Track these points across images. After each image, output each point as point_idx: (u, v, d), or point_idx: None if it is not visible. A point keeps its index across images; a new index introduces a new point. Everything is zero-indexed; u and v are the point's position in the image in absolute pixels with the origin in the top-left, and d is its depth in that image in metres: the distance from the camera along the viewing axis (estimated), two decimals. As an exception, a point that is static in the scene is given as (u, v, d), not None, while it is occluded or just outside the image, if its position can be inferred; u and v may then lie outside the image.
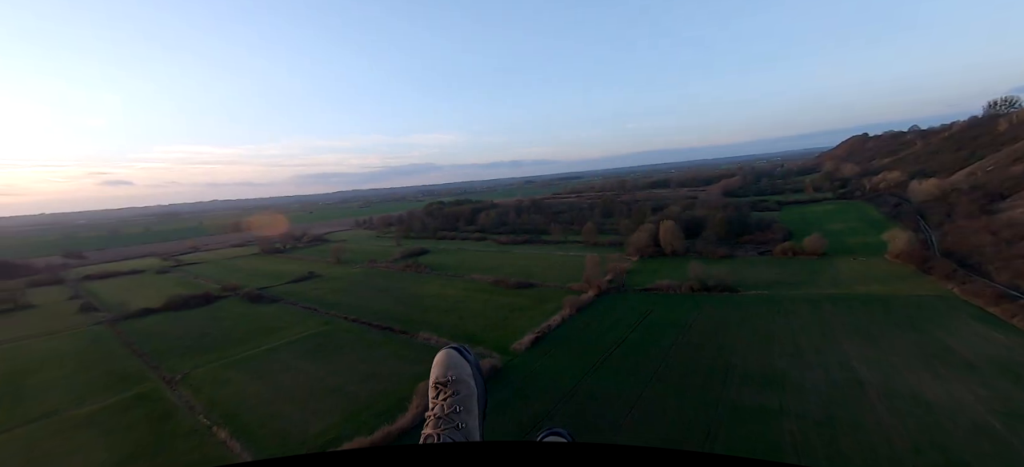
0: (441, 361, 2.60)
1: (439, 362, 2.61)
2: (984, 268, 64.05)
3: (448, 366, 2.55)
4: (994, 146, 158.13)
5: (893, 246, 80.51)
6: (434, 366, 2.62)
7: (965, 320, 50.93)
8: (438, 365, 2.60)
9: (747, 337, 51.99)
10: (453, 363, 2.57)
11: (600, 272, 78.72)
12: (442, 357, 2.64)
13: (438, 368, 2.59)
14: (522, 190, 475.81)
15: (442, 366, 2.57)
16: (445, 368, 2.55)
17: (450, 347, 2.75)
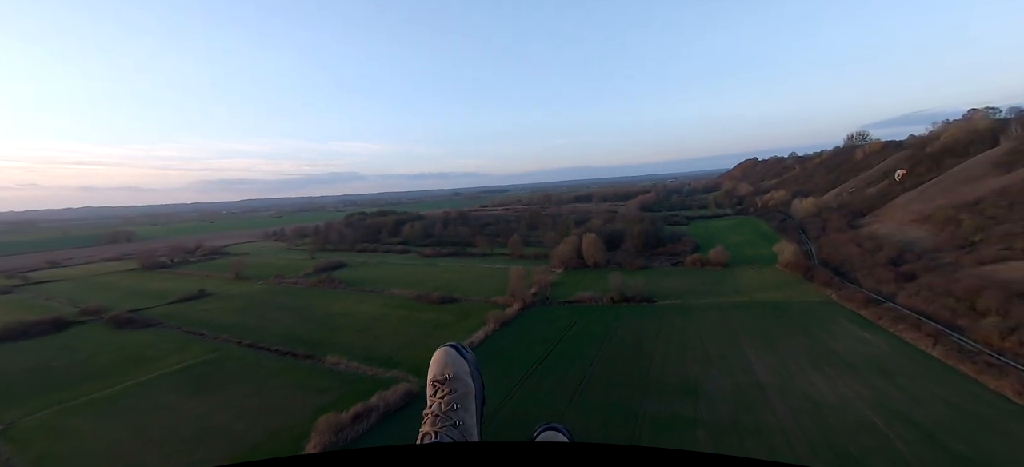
0: (438, 359, 2.58)
1: (436, 360, 2.59)
2: (853, 275, 73.17)
3: (445, 364, 2.51)
4: (854, 171, 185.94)
5: (782, 257, 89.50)
6: (431, 364, 2.60)
7: (843, 323, 57.03)
8: (435, 363, 2.58)
9: (663, 346, 53.47)
10: (450, 361, 2.52)
11: (525, 285, 77.72)
12: (439, 355, 2.61)
13: (435, 366, 2.56)
14: (450, 202, 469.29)
15: (439, 364, 2.55)
16: (442, 366, 2.52)
17: (447, 345, 2.68)
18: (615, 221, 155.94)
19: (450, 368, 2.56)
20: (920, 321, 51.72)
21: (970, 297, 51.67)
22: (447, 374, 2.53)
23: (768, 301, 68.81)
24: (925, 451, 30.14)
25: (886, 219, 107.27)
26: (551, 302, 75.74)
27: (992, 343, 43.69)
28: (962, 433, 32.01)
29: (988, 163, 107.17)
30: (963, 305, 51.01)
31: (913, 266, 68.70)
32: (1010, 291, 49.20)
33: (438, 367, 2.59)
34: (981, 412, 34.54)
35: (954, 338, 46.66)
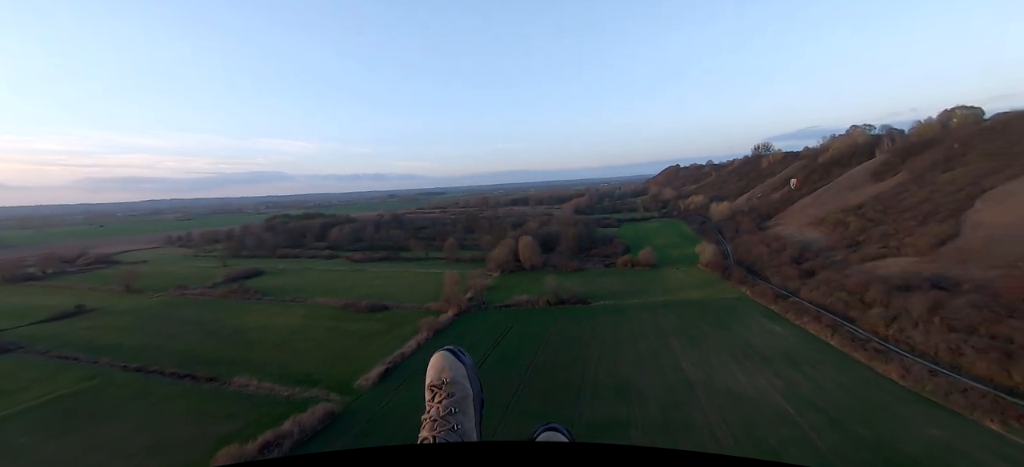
0: (435, 364, 2.54)
1: (433, 365, 2.54)
2: (764, 273, 79.79)
3: (442, 368, 2.49)
4: (760, 178, 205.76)
5: (702, 257, 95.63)
6: (429, 369, 2.55)
7: (756, 318, 61.51)
8: (432, 368, 2.54)
9: (598, 348, 54.03)
10: (447, 364, 2.50)
11: (460, 290, 75.42)
12: (437, 360, 2.56)
13: (432, 371, 2.53)
14: (385, 204, 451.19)
15: (436, 368, 2.52)
16: (439, 370, 2.50)
17: (445, 349, 2.64)
18: (550, 224, 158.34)
19: (448, 372, 2.48)
20: (820, 313, 57.11)
21: (859, 291, 58.06)
22: (445, 378, 2.46)
23: (692, 300, 72.68)
24: (832, 437, 32.58)
25: (788, 222, 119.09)
26: (487, 306, 74.16)
27: (878, 331, 49.16)
28: (860, 415, 35.17)
29: (867, 173, 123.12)
30: (854, 298, 57.16)
31: (812, 264, 76.31)
32: (890, 285, 55.95)
33: (435, 371, 2.51)
34: (873, 395, 38.34)
35: (848, 328, 51.93)
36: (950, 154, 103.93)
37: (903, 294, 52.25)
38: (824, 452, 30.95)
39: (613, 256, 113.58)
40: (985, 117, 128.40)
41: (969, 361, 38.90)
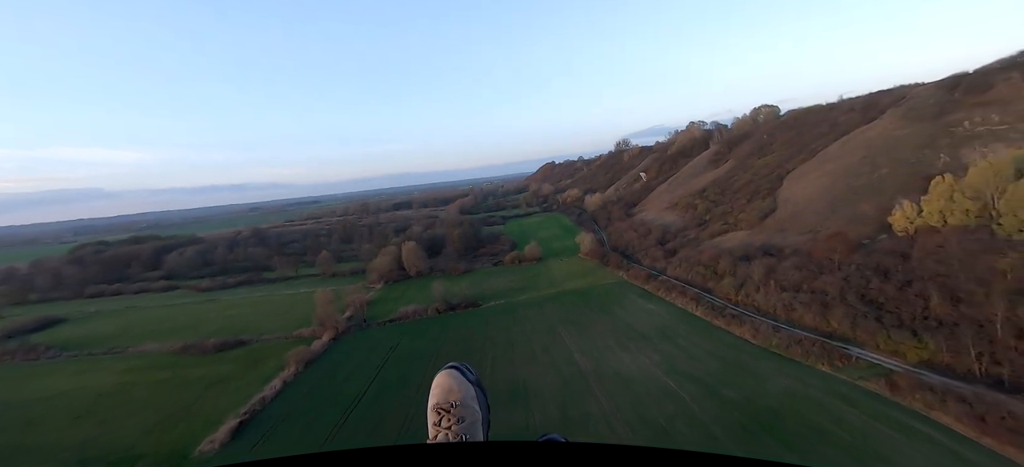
0: (442, 383, 2.36)
1: (439, 385, 2.36)
2: (636, 256, 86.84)
3: (450, 389, 2.33)
4: (623, 170, 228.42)
5: (583, 247, 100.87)
6: (434, 389, 2.37)
7: (634, 299, 65.88)
8: (439, 388, 2.36)
9: (492, 351, 51.89)
10: (455, 385, 2.34)
11: (337, 309, 66.82)
12: (443, 379, 2.38)
13: (439, 391, 2.35)
14: (245, 219, 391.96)
15: (443, 389, 2.34)
16: (446, 391, 2.33)
17: (450, 367, 2.44)
18: (435, 226, 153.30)
19: (457, 392, 2.32)
20: (685, 288, 63.34)
21: (712, 264, 65.91)
22: (453, 400, 2.30)
23: (577, 289, 75.34)
24: (709, 405, 35.06)
25: (650, 208, 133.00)
26: (370, 324, 66.97)
27: (731, 298, 56.01)
28: (728, 379, 38.75)
29: (706, 161, 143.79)
30: (709, 271, 64.69)
31: (673, 243, 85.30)
32: (734, 256, 64.62)
33: (442, 392, 2.33)
34: (735, 357, 42.87)
35: (707, 299, 58.25)
36: (762, 144, 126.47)
37: (745, 263, 60.49)
38: (706, 422, 32.99)
39: (501, 254, 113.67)
40: (781, 114, 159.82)
41: (799, 315, 46.10)
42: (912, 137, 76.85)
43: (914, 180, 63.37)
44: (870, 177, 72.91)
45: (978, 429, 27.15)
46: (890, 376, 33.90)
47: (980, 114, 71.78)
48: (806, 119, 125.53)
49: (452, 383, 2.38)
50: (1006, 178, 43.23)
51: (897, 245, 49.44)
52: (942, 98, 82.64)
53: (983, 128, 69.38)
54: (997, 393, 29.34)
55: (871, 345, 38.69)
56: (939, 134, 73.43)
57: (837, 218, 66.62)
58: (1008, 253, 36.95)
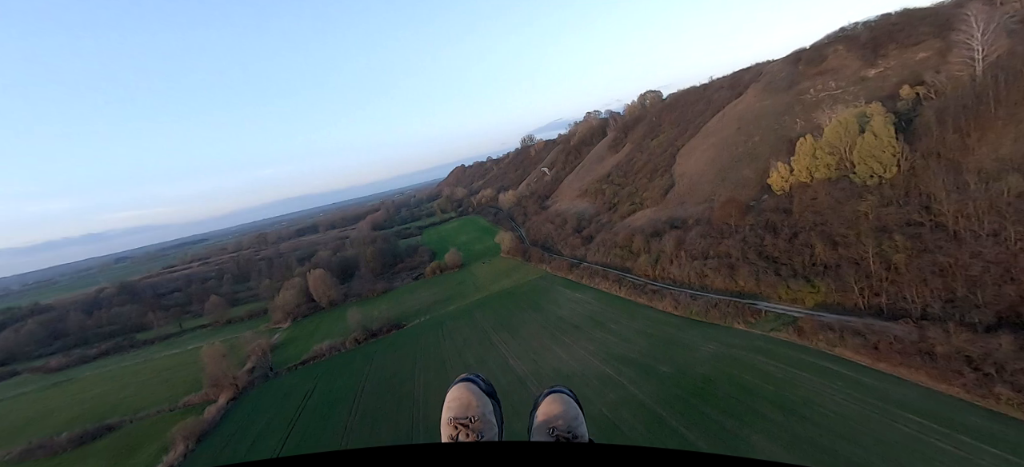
0: (459, 397, 2.26)
1: (457, 398, 2.26)
2: (556, 247, 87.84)
3: (468, 403, 2.24)
4: (532, 165, 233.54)
5: (503, 246, 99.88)
6: (450, 402, 2.28)
7: (560, 290, 66.00)
8: (455, 402, 2.26)
9: (423, 376, 47.96)
10: (474, 399, 2.25)
11: (233, 363, 57.42)
12: (461, 392, 2.28)
13: (456, 405, 2.25)
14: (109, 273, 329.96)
15: (461, 403, 2.25)
16: (465, 405, 2.24)
17: (464, 379, 2.33)
18: (346, 248, 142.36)
19: (475, 407, 2.22)
20: (606, 271, 64.90)
21: (627, 244, 68.51)
22: (472, 414, 2.20)
23: (504, 290, 73.79)
24: (648, 386, 35.28)
25: (562, 198, 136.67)
26: (278, 372, 58.67)
27: (649, 274, 58.38)
28: (660, 355, 39.59)
29: (606, 147, 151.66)
30: (625, 251, 67.12)
31: (589, 229, 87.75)
32: (646, 233, 67.84)
33: (461, 406, 2.24)
34: (663, 332, 44.20)
35: (629, 278, 60.15)
36: (653, 126, 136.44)
37: (656, 239, 63.59)
38: (648, 403, 33.01)
39: (421, 266, 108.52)
40: (664, 97, 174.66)
41: (711, 280, 49.16)
42: (773, 107, 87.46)
43: (781, 144, 71.76)
44: (746, 145, 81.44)
45: (873, 357, 30.39)
46: (796, 323, 37.07)
47: (821, 82, 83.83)
48: (686, 99, 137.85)
49: (470, 397, 2.26)
50: (854, 133, 50.20)
51: (779, 202, 55.13)
52: (790, 71, 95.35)
53: (825, 94, 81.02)
54: (880, 321, 33.33)
55: (775, 297, 42.27)
56: (793, 102, 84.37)
57: (726, 185, 73.20)
58: (866, 197, 42.68)
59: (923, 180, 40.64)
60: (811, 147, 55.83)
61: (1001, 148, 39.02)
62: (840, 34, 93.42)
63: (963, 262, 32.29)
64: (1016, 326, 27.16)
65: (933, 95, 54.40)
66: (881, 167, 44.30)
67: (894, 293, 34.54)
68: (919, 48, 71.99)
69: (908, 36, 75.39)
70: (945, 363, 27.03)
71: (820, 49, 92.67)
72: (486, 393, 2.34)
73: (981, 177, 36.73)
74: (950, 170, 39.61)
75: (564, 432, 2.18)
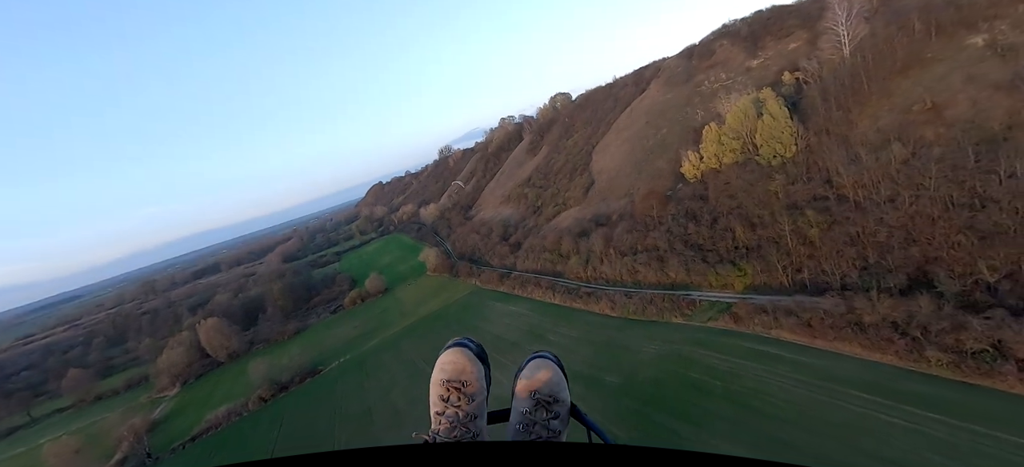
0: (454, 360, 2.30)
1: (451, 360, 2.29)
2: (485, 259, 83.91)
3: (462, 368, 2.29)
4: (452, 176, 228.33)
5: (429, 263, 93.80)
6: (443, 363, 2.31)
7: (492, 305, 62.09)
8: (450, 364, 2.29)
9: (345, 431, 41.11)
10: (468, 364, 2.30)
11: (94, 459, 45.27)
12: (456, 355, 2.31)
13: (450, 367, 2.29)
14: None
15: (456, 365, 2.28)
16: (460, 369, 2.28)
17: (457, 343, 2.35)
18: (251, 286, 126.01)
19: (470, 372, 2.27)
20: (538, 278, 62.32)
21: (556, 247, 66.67)
22: (465, 378, 2.26)
23: (433, 313, 68.17)
24: (597, 399, 32.51)
25: (486, 207, 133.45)
26: (158, 457, 47.46)
27: (581, 276, 56.68)
28: (604, 363, 37.21)
29: (524, 152, 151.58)
30: (555, 254, 65.16)
31: (517, 236, 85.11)
32: (573, 234, 66.51)
33: (455, 369, 2.28)
34: (603, 337, 42.09)
35: (562, 283, 58.00)
36: (567, 127, 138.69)
37: (584, 239, 62.35)
38: (601, 421, 29.98)
39: (339, 297, 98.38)
40: (574, 98, 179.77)
41: (643, 275, 48.40)
42: (675, 99, 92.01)
43: (687, 133, 74.94)
44: (656, 137, 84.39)
45: (809, 335, 30.47)
46: (731, 310, 36.83)
47: (713, 74, 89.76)
48: (595, 98, 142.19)
49: (465, 361, 2.29)
50: (753, 118, 52.84)
51: (694, 190, 56.47)
52: (686, 66, 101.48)
53: (718, 84, 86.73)
54: (808, 296, 33.93)
55: (706, 285, 42.17)
56: (692, 94, 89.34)
57: (643, 177, 74.70)
58: (774, 177, 44.50)
59: (820, 156, 43.10)
60: (716, 134, 58.04)
61: (879, 120, 42.54)
62: (723, 30, 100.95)
63: (870, 229, 33.94)
64: (928, 285, 28.51)
65: (809, 81, 59.49)
66: (782, 147, 46.57)
67: (814, 268, 35.55)
68: (790, 39, 79.29)
69: (780, 29, 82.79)
70: (875, 332, 27.49)
71: (708, 44, 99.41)
72: (478, 357, 2.33)
73: (869, 148, 39.46)
74: (841, 144, 42.36)
75: (546, 397, 2.21)
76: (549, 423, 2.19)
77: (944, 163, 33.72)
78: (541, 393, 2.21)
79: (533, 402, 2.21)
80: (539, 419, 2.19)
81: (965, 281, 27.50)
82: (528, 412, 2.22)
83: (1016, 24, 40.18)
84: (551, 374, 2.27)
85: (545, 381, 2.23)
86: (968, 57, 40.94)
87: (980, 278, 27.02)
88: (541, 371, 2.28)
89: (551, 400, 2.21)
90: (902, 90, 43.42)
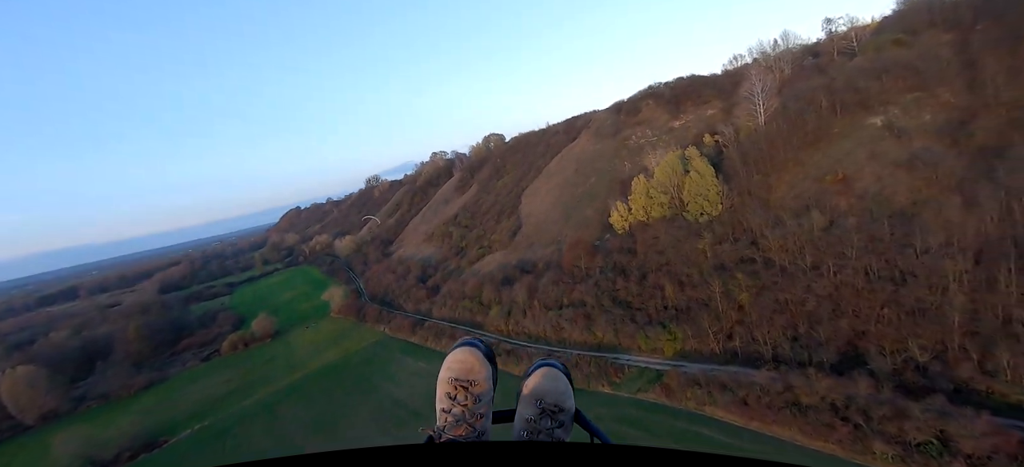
0: (463, 358, 2.29)
1: (460, 359, 2.28)
2: (398, 302, 75.06)
3: (471, 367, 2.28)
4: (377, 207, 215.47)
5: (333, 303, 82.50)
6: (451, 362, 2.31)
7: (401, 360, 53.66)
8: (459, 362, 2.28)
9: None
10: (477, 363, 2.28)
11: None
12: (465, 354, 2.30)
13: (459, 365, 2.28)
14: None
15: (465, 364, 2.28)
16: (468, 367, 2.28)
17: (468, 343, 2.35)
18: (103, 322, 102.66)
19: (478, 371, 2.26)
20: (454, 329, 55.43)
21: (476, 294, 60.64)
22: (473, 378, 2.25)
23: (328, 365, 57.76)
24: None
25: (407, 243, 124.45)
26: None
27: (502, 329, 50.92)
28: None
29: (452, 189, 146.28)
30: (475, 302, 59.01)
31: (436, 278, 77.73)
32: (496, 281, 61.07)
33: (462, 367, 2.27)
34: (521, 407, 36.01)
35: (481, 336, 51.55)
36: (498, 167, 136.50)
37: (508, 287, 57.14)
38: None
39: (218, 339, 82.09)
40: (507, 140, 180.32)
41: (568, 332, 43.87)
42: (604, 150, 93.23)
43: (615, 184, 74.78)
44: (585, 185, 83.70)
45: (745, 415, 27.22)
46: (662, 380, 33.10)
47: (639, 130, 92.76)
48: (527, 142, 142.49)
49: (474, 360, 2.27)
50: (680, 173, 52.62)
51: (622, 242, 54.39)
52: (615, 120, 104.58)
53: (643, 140, 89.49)
54: (742, 368, 31.19)
55: (635, 348, 38.51)
56: (620, 147, 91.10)
57: (571, 225, 72.42)
58: (703, 235, 43.24)
59: (744, 216, 42.68)
60: (645, 187, 57.17)
61: (795, 187, 43.39)
62: (649, 91, 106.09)
63: (798, 297, 32.58)
64: (860, 362, 26.78)
65: (727, 145, 61.81)
66: (709, 205, 45.90)
67: (745, 335, 33.29)
68: (708, 106, 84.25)
69: (699, 97, 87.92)
70: (815, 416, 24.81)
71: (636, 103, 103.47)
72: (486, 357, 2.31)
73: (790, 213, 39.46)
74: (763, 206, 42.35)
75: (551, 406, 2.22)
76: (553, 432, 2.17)
77: (862, 233, 33.85)
78: (547, 402, 2.20)
79: (539, 410, 2.19)
80: (544, 427, 2.17)
81: (896, 359, 26.12)
82: (533, 419, 2.19)
83: (906, 110, 43.83)
84: (557, 383, 2.26)
85: (551, 390, 2.22)
86: (869, 135, 43.65)
87: (910, 357, 25.69)
88: (548, 379, 2.26)
89: (556, 409, 2.20)
90: (814, 161, 45.15)
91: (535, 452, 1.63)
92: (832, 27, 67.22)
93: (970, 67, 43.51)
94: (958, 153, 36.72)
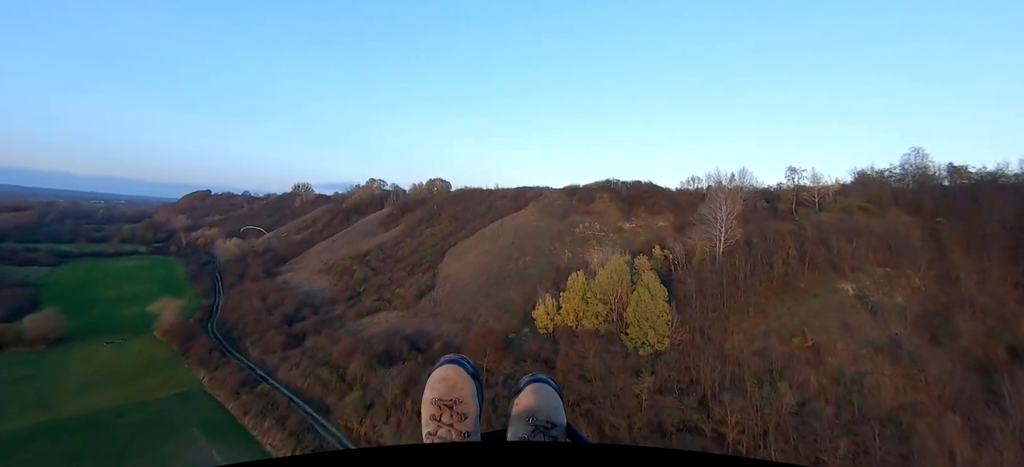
0: (446, 377, 2.20)
1: (443, 378, 2.20)
2: (244, 341, 56.90)
3: (454, 385, 2.20)
4: (293, 216, 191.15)
5: (162, 319, 62.06)
6: (434, 381, 2.21)
7: (197, 438, 36.24)
8: (442, 381, 2.20)
9: None
10: (460, 381, 2.20)
11: None
12: (448, 372, 2.22)
13: (442, 385, 2.20)
14: None
15: (448, 383, 2.20)
16: (451, 386, 2.20)
17: (451, 360, 2.27)
18: None
19: (462, 389, 2.19)
20: (292, 408, 39.34)
21: (343, 363, 45.42)
22: (457, 396, 2.18)
23: (100, 410, 38.78)
24: None
25: (303, 267, 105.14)
26: None
27: (351, 428, 36.00)
28: None
29: (378, 221, 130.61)
30: (335, 375, 43.64)
31: (307, 324, 60.90)
32: (375, 352, 46.41)
33: (446, 386, 2.19)
34: None
35: (319, 429, 36.12)
36: (432, 213, 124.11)
37: (384, 367, 42.69)
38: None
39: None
40: (452, 189, 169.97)
41: None
42: (548, 229, 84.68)
43: (550, 271, 65.17)
44: (517, 263, 73.24)
45: None
46: None
47: (589, 220, 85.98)
48: (471, 197, 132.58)
49: (457, 377, 2.18)
50: (626, 283, 43.58)
51: (541, 346, 43.15)
52: (565, 202, 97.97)
53: (590, 232, 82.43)
54: None
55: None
56: (565, 231, 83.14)
57: (489, 303, 60.57)
58: (642, 373, 33.10)
59: (695, 363, 33.34)
60: (582, 287, 47.34)
61: (755, 341, 35.30)
62: (606, 184, 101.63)
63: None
64: None
65: (677, 265, 54.89)
66: (655, 336, 36.41)
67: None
68: (659, 217, 79.51)
69: (653, 205, 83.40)
70: None
71: (590, 192, 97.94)
72: (471, 375, 2.24)
73: (751, 374, 30.52)
74: (718, 356, 33.35)
75: (544, 422, 2.18)
76: None
77: (844, 432, 25.19)
78: (539, 418, 2.15)
79: (531, 427, 2.15)
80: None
81: None
82: (526, 437, 2.16)
83: (878, 284, 38.51)
84: (549, 399, 2.21)
85: (544, 406, 2.18)
86: (840, 301, 37.39)
87: None
88: (539, 396, 2.21)
89: (549, 425, 2.15)
90: (778, 313, 37.91)
91: (535, 452, 1.58)
92: (796, 177, 65.61)
93: (940, 258, 39.78)
94: (946, 356, 30.49)
